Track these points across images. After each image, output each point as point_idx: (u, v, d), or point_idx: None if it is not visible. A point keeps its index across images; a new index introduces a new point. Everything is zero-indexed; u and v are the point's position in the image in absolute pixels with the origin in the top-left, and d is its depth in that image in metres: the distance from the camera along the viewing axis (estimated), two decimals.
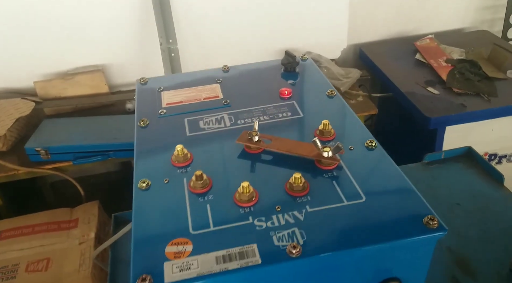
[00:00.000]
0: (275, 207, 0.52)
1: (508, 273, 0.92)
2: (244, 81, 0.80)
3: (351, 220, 0.50)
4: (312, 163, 0.59)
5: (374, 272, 0.50)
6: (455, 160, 1.23)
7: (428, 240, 0.48)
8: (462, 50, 2.00)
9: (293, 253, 0.46)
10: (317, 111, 0.69)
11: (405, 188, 0.53)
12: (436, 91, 1.76)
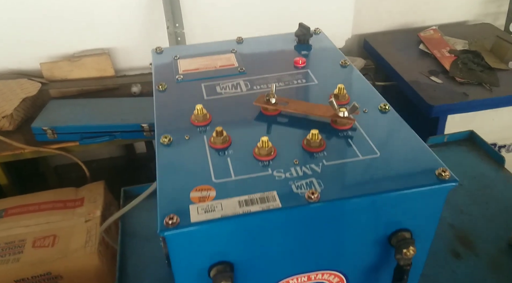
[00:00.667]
0: (293, 161, 0.54)
1: (506, 248, 0.95)
2: (259, 51, 0.82)
3: (366, 171, 0.52)
4: (328, 124, 0.61)
5: (387, 223, 0.53)
6: (457, 143, 1.26)
7: (439, 190, 0.50)
8: (466, 41, 2.02)
9: (312, 198, 0.48)
10: (331, 78, 0.71)
11: (418, 145, 0.56)
12: (439, 80, 1.78)
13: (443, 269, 0.92)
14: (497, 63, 1.84)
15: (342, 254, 0.55)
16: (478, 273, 0.90)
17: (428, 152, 0.55)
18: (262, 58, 0.79)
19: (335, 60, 0.76)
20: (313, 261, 0.54)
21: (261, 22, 2.04)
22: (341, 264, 0.56)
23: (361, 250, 0.55)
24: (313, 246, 0.53)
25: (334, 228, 0.52)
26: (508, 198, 1.07)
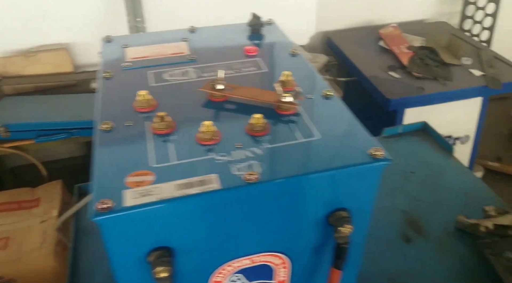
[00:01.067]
0: (236, 145, 0.55)
1: (453, 231, 0.99)
2: (210, 40, 0.82)
3: (305, 153, 0.53)
4: (274, 110, 0.62)
5: (325, 203, 0.54)
6: (411, 134, 1.31)
7: (372, 169, 0.52)
8: (423, 38, 2.10)
9: (250, 179, 0.48)
10: (280, 67, 0.72)
11: (356, 128, 0.57)
12: (397, 75, 1.84)
13: (394, 253, 0.95)
14: (451, 59, 1.92)
15: (284, 235, 0.56)
16: (426, 256, 0.94)
17: (364, 133, 0.56)
18: (213, 47, 0.79)
19: (285, 49, 0.77)
20: (255, 244, 0.55)
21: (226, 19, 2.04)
22: (283, 246, 0.56)
23: (302, 231, 0.56)
24: (254, 228, 0.54)
25: (273, 209, 0.53)
26: (456, 184, 1.12)
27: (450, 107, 1.86)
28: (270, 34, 0.84)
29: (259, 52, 0.76)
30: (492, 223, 0.95)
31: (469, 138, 2.02)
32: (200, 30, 0.86)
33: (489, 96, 2.42)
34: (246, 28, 0.84)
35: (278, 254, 0.58)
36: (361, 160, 0.52)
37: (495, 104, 2.79)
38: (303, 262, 0.60)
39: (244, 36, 0.82)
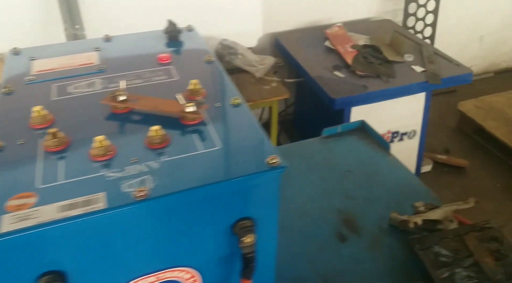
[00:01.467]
0: (131, 159, 0.53)
1: (387, 227, 1.01)
2: (125, 49, 0.79)
3: (204, 164, 0.52)
4: (178, 120, 0.60)
5: (227, 213, 0.53)
6: (350, 133, 1.32)
7: (269, 176, 0.51)
8: (367, 37, 2.14)
9: (139, 196, 0.47)
10: (193, 75, 0.70)
11: (258, 137, 0.57)
12: (342, 75, 1.87)
13: (329, 252, 0.96)
14: (394, 56, 1.97)
15: (188, 249, 0.54)
16: (360, 253, 0.95)
17: (264, 142, 0.56)
18: (126, 55, 0.77)
19: (200, 57, 0.76)
20: (158, 260, 0.54)
21: None
22: (189, 260, 0.55)
23: (207, 243, 0.55)
24: (154, 244, 0.52)
25: (172, 223, 0.51)
26: (391, 181, 1.15)
27: (395, 103, 1.91)
28: (188, 41, 0.82)
29: (173, 60, 0.75)
30: (421, 218, 0.97)
31: (416, 133, 2.08)
32: (116, 38, 0.83)
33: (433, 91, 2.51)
34: (163, 36, 0.82)
35: (185, 268, 0.56)
36: (257, 169, 0.51)
37: (443, 97, 2.90)
38: (213, 274, 0.59)
39: (160, 44, 0.80)
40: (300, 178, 1.17)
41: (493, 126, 2.41)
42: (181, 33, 0.82)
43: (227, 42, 2.01)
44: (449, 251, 0.91)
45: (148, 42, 0.81)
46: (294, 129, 2.53)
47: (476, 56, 3.03)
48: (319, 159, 1.24)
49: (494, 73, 3.17)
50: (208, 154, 0.54)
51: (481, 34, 2.92)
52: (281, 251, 0.96)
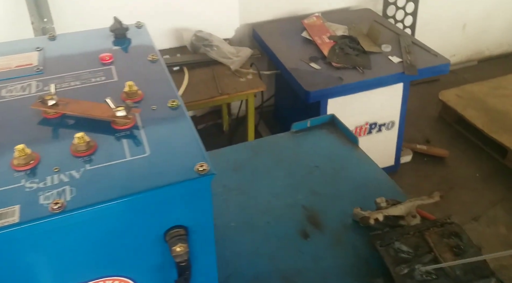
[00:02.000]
0: (53, 169, 0.51)
1: (351, 223, 1.00)
2: (68, 48, 0.77)
3: (128, 173, 0.50)
4: (110, 125, 0.58)
5: (157, 222, 0.51)
6: (320, 127, 1.31)
7: (199, 184, 0.50)
8: (346, 27, 2.11)
9: (54, 208, 0.45)
10: (133, 75, 0.68)
11: (191, 142, 0.55)
12: (318, 66, 1.84)
13: (291, 250, 0.95)
14: (371, 47, 1.95)
15: (119, 259, 0.53)
16: (322, 251, 0.94)
17: (196, 147, 0.54)
18: (69, 55, 0.74)
19: (145, 56, 0.73)
20: (88, 271, 0.52)
21: (146, 14, 1.96)
22: (121, 269, 0.54)
23: (139, 252, 0.53)
24: (81, 256, 0.50)
25: (98, 233, 0.49)
26: (357, 176, 1.14)
27: (372, 95, 1.89)
28: (135, 39, 0.80)
29: (115, 60, 0.72)
30: (382, 214, 0.96)
31: (395, 124, 2.07)
32: (61, 37, 0.80)
33: (415, 81, 2.49)
34: (110, 34, 0.79)
35: (118, 278, 0.55)
36: (185, 176, 0.50)
37: (425, 87, 2.89)
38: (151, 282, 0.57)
39: (106, 42, 0.77)
40: (267, 174, 1.15)
41: (474, 116, 2.41)
42: (128, 31, 0.79)
43: (201, 34, 1.98)
44: (409, 247, 0.90)
45: (93, 41, 0.78)
46: (275, 121, 2.51)
47: (459, 45, 3.01)
48: (287, 154, 1.22)
49: (477, 62, 3.16)
50: (135, 161, 0.52)
51: (463, 22, 2.90)
52: (242, 248, 0.96)
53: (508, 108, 2.46)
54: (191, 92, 1.81)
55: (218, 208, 1.06)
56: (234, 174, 1.15)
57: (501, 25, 3.05)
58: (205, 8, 2.06)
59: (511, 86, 2.65)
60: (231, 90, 1.81)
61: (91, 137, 0.55)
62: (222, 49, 1.95)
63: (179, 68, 1.93)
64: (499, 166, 2.27)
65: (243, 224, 1.02)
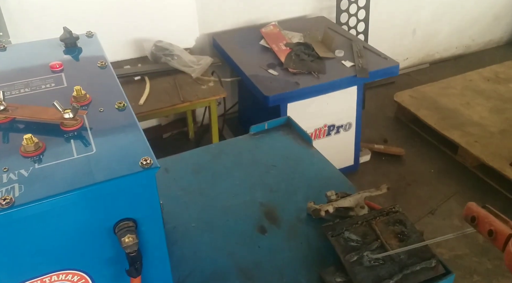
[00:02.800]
0: (2, 168, 0.53)
1: (306, 217, 1.06)
2: (19, 58, 0.79)
3: (75, 169, 0.54)
4: (58, 127, 0.61)
5: (104, 215, 0.54)
6: (276, 129, 1.37)
7: (143, 176, 0.53)
8: (301, 34, 2.20)
9: (3, 204, 0.47)
10: (82, 80, 0.71)
11: (136, 139, 0.59)
12: (276, 73, 1.92)
13: (249, 245, 0.99)
14: (325, 53, 2.04)
15: (71, 252, 0.55)
16: (278, 244, 0.99)
17: (141, 143, 0.58)
18: (20, 65, 0.76)
19: (94, 62, 0.77)
20: (39, 265, 0.54)
21: (106, 26, 1.97)
22: (74, 262, 0.56)
23: (91, 245, 0.56)
24: (33, 249, 0.53)
25: (49, 227, 0.52)
26: (311, 172, 1.20)
27: (328, 98, 1.98)
28: (85, 47, 0.83)
29: (66, 67, 0.75)
30: (332, 206, 1.02)
31: (352, 125, 2.17)
32: (12, 47, 0.82)
33: (372, 83, 2.63)
34: (60, 43, 0.82)
35: (72, 271, 0.57)
36: (129, 170, 0.53)
37: (382, 89, 3.03)
38: (103, 275, 0.60)
39: (56, 52, 0.80)
40: (226, 175, 1.20)
41: (426, 115, 2.55)
42: (78, 40, 0.82)
43: (161, 44, 2.01)
44: (358, 236, 0.96)
45: (45, 50, 0.80)
46: (239, 127, 2.56)
47: (410, 48, 3.18)
48: (246, 156, 1.27)
49: (429, 64, 3.34)
50: (83, 158, 0.55)
51: (413, 27, 3.07)
52: (202, 247, 1.00)
53: (457, 106, 2.62)
54: (154, 101, 1.83)
55: (178, 210, 1.09)
56: (194, 177, 1.19)
57: (448, 30, 3.25)
58: (165, 19, 2.10)
59: (459, 86, 2.82)
60: (193, 98, 1.85)
61: (40, 139, 0.58)
62: (182, 58, 1.99)
63: (140, 77, 1.95)
64: (452, 162, 2.41)
65: (203, 224, 1.06)
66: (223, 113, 2.35)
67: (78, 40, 0.82)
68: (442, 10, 3.10)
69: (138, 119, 0.62)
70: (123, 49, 2.07)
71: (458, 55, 3.46)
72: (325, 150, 1.28)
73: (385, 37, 2.84)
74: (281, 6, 2.43)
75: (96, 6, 1.95)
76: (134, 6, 2.03)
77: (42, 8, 1.84)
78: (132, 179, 0.53)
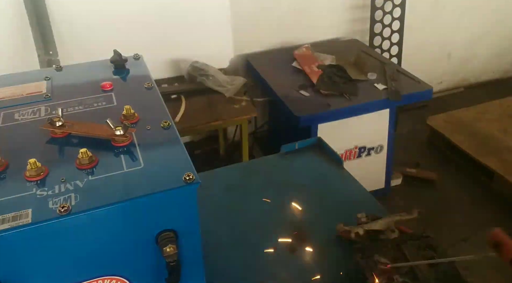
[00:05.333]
0: (60, 179, 0.59)
1: (335, 238, 1.07)
2: (73, 78, 0.86)
3: (125, 182, 0.58)
4: (110, 142, 0.66)
5: (150, 226, 0.59)
6: (307, 149, 1.39)
7: (185, 191, 0.57)
8: (333, 56, 2.24)
9: (61, 211, 0.52)
10: (131, 100, 0.77)
11: (181, 157, 0.63)
12: (307, 94, 1.95)
13: (279, 264, 1.01)
14: (358, 75, 2.06)
15: (116, 259, 0.60)
16: (308, 264, 1.01)
17: (184, 160, 0.62)
18: (74, 84, 0.83)
19: (141, 83, 0.83)
20: (87, 269, 0.59)
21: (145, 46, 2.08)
22: (118, 269, 0.60)
23: (134, 253, 0.60)
24: (83, 255, 0.57)
25: (98, 235, 0.57)
26: (341, 194, 1.21)
27: (359, 120, 1.99)
28: (133, 69, 0.89)
29: (115, 87, 0.81)
30: (363, 229, 1.03)
31: (383, 148, 2.16)
32: (66, 68, 0.90)
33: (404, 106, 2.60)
34: (110, 64, 0.89)
35: (116, 277, 0.61)
36: (173, 184, 0.57)
37: (415, 112, 3.00)
38: (144, 282, 0.64)
39: (106, 72, 0.87)
40: (257, 193, 1.23)
41: (461, 140, 2.50)
42: (126, 62, 0.89)
43: (198, 64, 2.10)
44: (388, 259, 0.96)
45: (95, 71, 0.87)
46: (269, 145, 2.60)
47: (445, 72, 3.15)
48: (276, 175, 1.30)
49: (464, 88, 3.28)
50: (131, 172, 0.60)
51: (448, 51, 3.05)
52: (233, 263, 1.02)
53: (494, 133, 2.56)
54: (188, 118, 1.90)
55: (210, 225, 1.13)
56: (226, 193, 1.23)
57: (485, 53, 3.20)
58: (201, 40, 2.19)
59: (496, 112, 2.76)
60: (225, 116, 1.91)
61: (93, 153, 0.63)
62: (217, 78, 2.07)
63: (176, 96, 2.04)
64: (487, 189, 2.34)
65: (233, 240, 1.09)
66: (253, 131, 2.40)
67: (126, 62, 0.89)
68: (479, 33, 3.06)
69: None
70: (161, 68, 2.17)
71: (495, 80, 3.38)
72: (356, 172, 1.29)
73: (419, 61, 2.83)
74: (314, 29, 2.48)
75: (138, 30, 2.06)
76: (172, 28, 2.13)
77: (89, 31, 1.97)
78: (176, 193, 0.57)
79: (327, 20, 2.50)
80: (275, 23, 2.39)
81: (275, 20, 2.38)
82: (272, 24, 2.38)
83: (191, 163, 0.61)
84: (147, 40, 2.12)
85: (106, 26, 2.02)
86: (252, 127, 2.32)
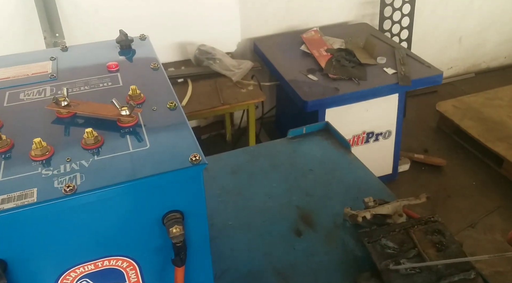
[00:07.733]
0: (65, 159, 0.58)
1: (342, 222, 1.06)
2: (79, 58, 0.85)
3: (131, 162, 0.58)
4: (115, 123, 0.66)
5: (156, 206, 0.58)
6: (315, 133, 1.38)
7: (192, 171, 0.57)
8: (342, 40, 2.20)
9: (67, 191, 0.52)
10: (137, 80, 0.76)
11: (187, 137, 0.62)
12: (315, 78, 1.92)
13: (285, 247, 1.01)
14: (367, 59, 2.03)
15: (122, 239, 0.60)
16: (314, 247, 1.00)
17: (190, 141, 0.61)
18: (79, 64, 0.82)
19: (148, 64, 0.81)
20: (93, 250, 0.59)
21: (152, 30, 2.06)
22: (124, 249, 0.60)
23: (140, 233, 0.60)
24: (89, 235, 0.57)
25: (103, 215, 0.56)
26: (349, 178, 1.20)
27: (368, 105, 1.96)
28: (139, 50, 0.88)
29: (121, 68, 0.80)
30: (370, 213, 1.02)
31: (391, 133, 2.14)
32: (72, 48, 0.89)
33: (414, 91, 2.56)
34: (116, 45, 0.88)
35: (122, 257, 0.61)
36: (179, 165, 0.57)
37: (424, 98, 2.96)
38: (150, 262, 0.64)
39: (112, 53, 0.86)
40: (263, 177, 1.22)
41: (470, 126, 2.47)
42: (132, 42, 0.87)
43: (205, 48, 2.07)
44: (395, 243, 0.96)
45: (101, 51, 0.86)
46: (276, 130, 2.58)
47: (456, 57, 3.09)
48: (283, 159, 1.29)
49: (475, 74, 3.22)
50: (137, 153, 0.59)
51: (459, 36, 2.98)
52: (239, 245, 1.03)
53: (504, 118, 2.51)
54: (195, 103, 1.89)
55: (216, 208, 1.13)
56: (232, 177, 1.22)
57: (496, 39, 3.13)
58: (208, 24, 2.16)
59: (507, 98, 2.71)
60: (232, 101, 1.89)
61: (99, 133, 0.63)
62: (224, 62, 2.04)
63: (183, 80, 2.02)
64: (495, 175, 2.31)
65: (239, 223, 1.09)
66: (260, 117, 2.38)
67: (132, 42, 0.88)
68: (490, 18, 2.99)
69: None
70: (168, 52, 2.15)
71: (506, 66, 3.31)
72: (363, 157, 1.28)
73: (429, 45, 2.77)
74: (323, 12, 2.44)
75: (145, 12, 2.04)
76: (179, 11, 2.10)
77: (95, 14, 1.95)
78: (182, 174, 0.56)
79: (336, 3, 2.45)
80: (283, 6, 2.35)
81: (283, 3, 2.34)
82: (280, 7, 2.34)
83: (197, 143, 0.60)
84: (154, 24, 2.09)
85: (113, 9, 1.99)
86: (259, 113, 2.30)
